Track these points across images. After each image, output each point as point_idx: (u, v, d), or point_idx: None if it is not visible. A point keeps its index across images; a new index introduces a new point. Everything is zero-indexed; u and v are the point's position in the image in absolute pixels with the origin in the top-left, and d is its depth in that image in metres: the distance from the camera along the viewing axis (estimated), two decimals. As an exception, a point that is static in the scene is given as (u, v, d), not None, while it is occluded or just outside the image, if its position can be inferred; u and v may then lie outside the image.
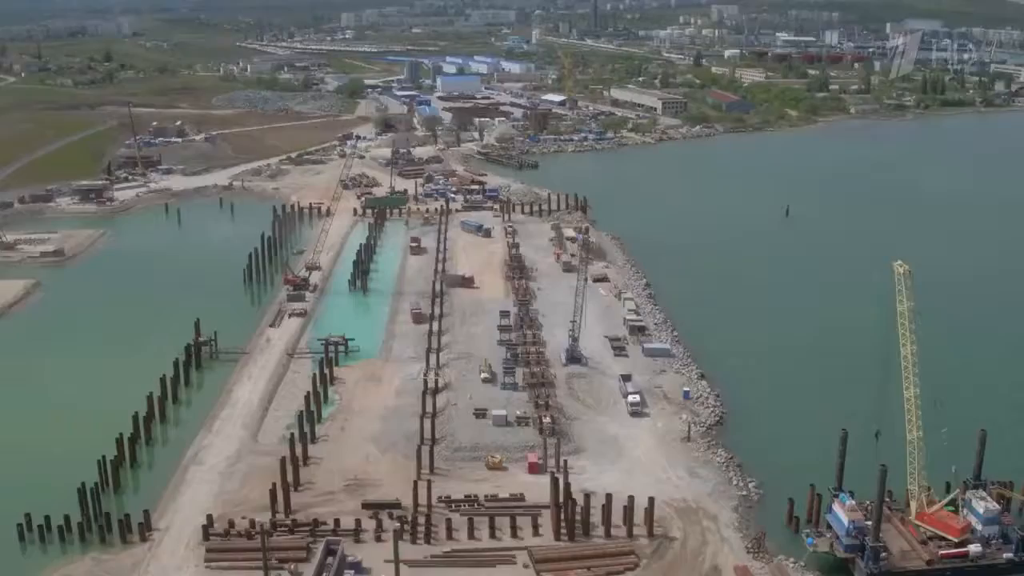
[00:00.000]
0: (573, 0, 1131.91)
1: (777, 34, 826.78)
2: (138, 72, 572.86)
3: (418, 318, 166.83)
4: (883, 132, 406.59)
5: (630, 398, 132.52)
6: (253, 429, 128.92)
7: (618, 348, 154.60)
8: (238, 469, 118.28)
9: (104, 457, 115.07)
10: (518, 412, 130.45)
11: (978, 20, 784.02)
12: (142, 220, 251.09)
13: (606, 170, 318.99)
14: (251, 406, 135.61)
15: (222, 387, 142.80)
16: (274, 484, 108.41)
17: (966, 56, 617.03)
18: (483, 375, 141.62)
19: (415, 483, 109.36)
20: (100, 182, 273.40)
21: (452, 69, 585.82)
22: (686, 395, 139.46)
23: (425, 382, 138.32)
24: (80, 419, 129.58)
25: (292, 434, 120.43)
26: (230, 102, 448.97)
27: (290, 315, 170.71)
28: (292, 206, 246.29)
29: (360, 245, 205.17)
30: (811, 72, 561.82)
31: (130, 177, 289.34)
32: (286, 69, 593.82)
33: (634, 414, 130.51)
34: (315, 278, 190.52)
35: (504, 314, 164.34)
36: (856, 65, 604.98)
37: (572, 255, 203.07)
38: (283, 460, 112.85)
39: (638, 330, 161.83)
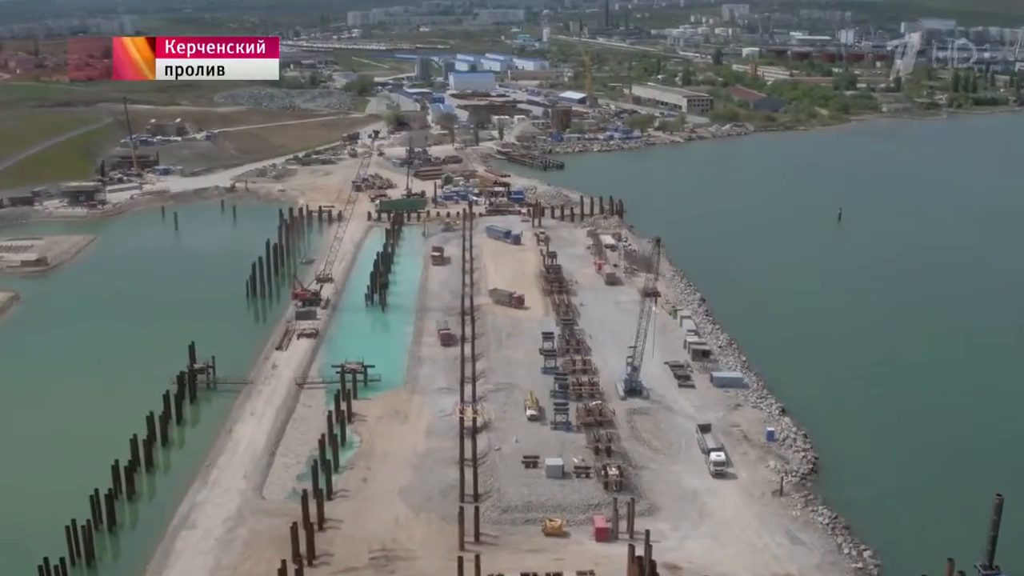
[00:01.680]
0: (580, 0, 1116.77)
1: (791, 33, 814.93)
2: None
3: (447, 339, 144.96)
4: (920, 131, 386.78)
5: (713, 456, 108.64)
6: (257, 481, 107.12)
7: (682, 377, 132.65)
8: (239, 536, 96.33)
9: (74, 521, 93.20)
10: (575, 460, 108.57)
11: (992, 19, 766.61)
12: (136, 225, 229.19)
13: (636, 171, 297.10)
14: (255, 450, 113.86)
15: (220, 425, 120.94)
16: (284, 561, 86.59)
17: (986, 55, 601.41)
18: (529, 412, 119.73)
19: (460, 559, 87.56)
20: (91, 183, 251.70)
21: (464, 67, 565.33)
22: (770, 436, 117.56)
23: (461, 420, 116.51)
24: (47, 469, 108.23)
25: (304, 491, 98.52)
26: (233, 99, 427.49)
27: (299, 335, 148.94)
28: (300, 210, 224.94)
29: (377, 254, 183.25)
30: (835, 71, 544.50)
31: (125, 178, 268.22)
32: (292, 67, 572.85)
33: (718, 475, 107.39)
34: (327, 291, 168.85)
35: (547, 336, 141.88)
36: (878, 63, 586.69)
37: (615, 265, 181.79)
38: (294, 526, 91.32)
39: (702, 355, 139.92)
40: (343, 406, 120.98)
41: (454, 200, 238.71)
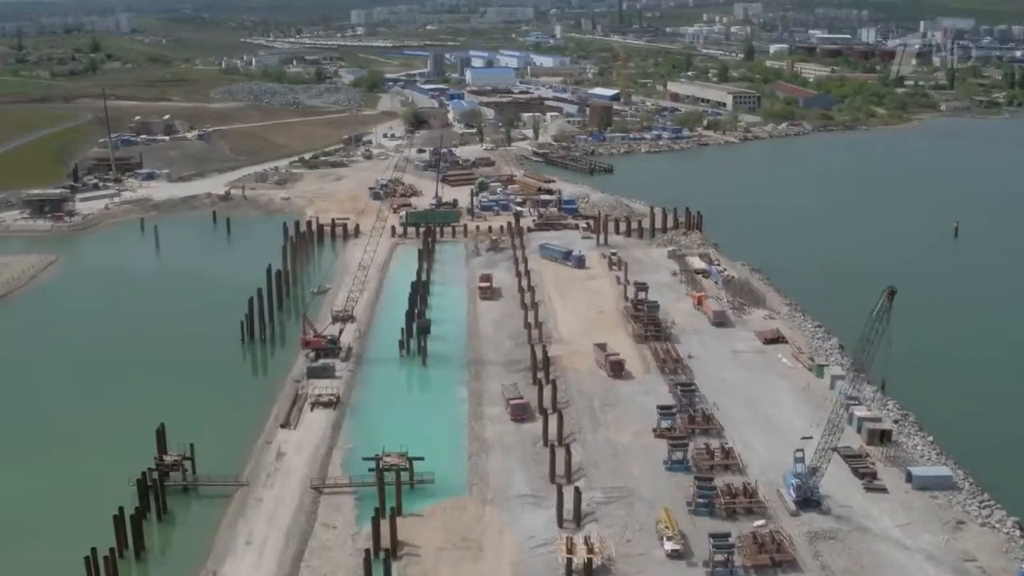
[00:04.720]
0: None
1: (809, 31, 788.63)
2: (126, 63, 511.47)
3: (519, 413, 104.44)
4: (989, 131, 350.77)
5: None
6: None
7: (865, 474, 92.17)
8: None
9: None
10: (762, 640, 68.45)
11: (1011, 18, 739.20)
12: (108, 241, 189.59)
13: (695, 175, 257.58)
14: (251, 614, 73.73)
15: (200, 563, 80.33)
16: None
17: (1019, 54, 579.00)
18: (669, 545, 79.14)
19: None
20: (58, 191, 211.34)
21: (479, 63, 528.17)
22: (1026, 578, 77.61)
23: (569, 561, 76.19)
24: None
25: None
26: (230, 95, 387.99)
27: (313, 404, 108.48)
28: (308, 223, 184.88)
29: (411, 284, 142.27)
30: (877, 68, 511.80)
31: (100, 184, 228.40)
32: (295, 63, 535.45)
33: None
34: (347, 335, 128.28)
35: (665, 412, 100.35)
36: (913, 61, 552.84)
37: (717, 298, 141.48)
38: None
39: (880, 437, 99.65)
40: (384, 528, 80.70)
41: (493, 211, 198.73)
